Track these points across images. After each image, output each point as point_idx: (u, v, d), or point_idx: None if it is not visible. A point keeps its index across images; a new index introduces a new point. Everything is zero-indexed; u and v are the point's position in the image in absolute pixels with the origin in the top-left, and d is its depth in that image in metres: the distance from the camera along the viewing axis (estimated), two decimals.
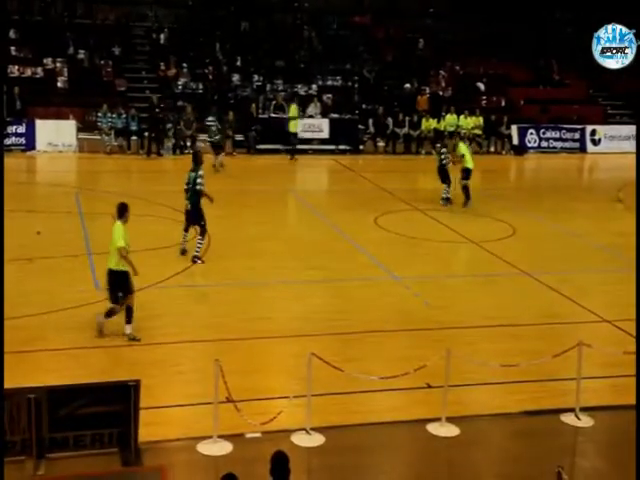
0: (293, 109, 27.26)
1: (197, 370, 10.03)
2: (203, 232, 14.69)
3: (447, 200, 20.04)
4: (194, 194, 14.58)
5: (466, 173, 20.10)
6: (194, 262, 14.51)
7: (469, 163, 20.16)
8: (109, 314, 11.12)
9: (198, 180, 14.54)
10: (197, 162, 14.83)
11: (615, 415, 9.69)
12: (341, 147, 27.96)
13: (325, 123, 28.34)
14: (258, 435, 8.66)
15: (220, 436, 8.55)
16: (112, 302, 11.11)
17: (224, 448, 8.47)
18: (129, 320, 11.06)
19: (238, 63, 30.63)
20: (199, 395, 9.24)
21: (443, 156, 20.00)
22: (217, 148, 24.09)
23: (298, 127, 27.09)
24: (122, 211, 11.21)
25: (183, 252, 14.90)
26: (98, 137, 25.97)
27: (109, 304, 11.15)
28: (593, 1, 31.67)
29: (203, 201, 14.70)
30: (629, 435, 9.20)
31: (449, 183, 20.06)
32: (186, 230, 15.00)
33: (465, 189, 20.15)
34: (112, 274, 11.06)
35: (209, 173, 18.89)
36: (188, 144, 26.11)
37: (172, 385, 9.94)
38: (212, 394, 8.47)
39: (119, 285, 11.00)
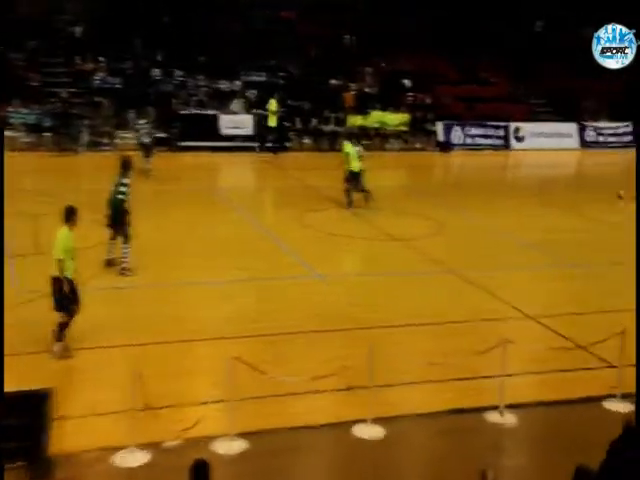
0: (273, 103, 27.02)
1: (114, 376, 9.77)
2: (127, 241, 13.99)
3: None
4: (116, 202, 13.87)
5: (350, 176, 19.34)
6: (123, 274, 14.01)
7: (353, 165, 19.32)
8: (61, 330, 10.58)
9: (121, 189, 13.85)
10: (125, 168, 14.12)
11: (539, 412, 9.82)
12: (266, 144, 27.89)
13: (249, 119, 28.24)
14: (177, 443, 8.49)
15: (137, 446, 8.35)
16: (59, 311, 10.62)
17: (142, 458, 8.26)
18: (60, 336, 10.55)
19: (158, 58, 30.23)
20: (115, 403, 9.02)
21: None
22: (148, 150, 22.84)
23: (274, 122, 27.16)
24: (69, 215, 10.67)
25: (109, 263, 14.28)
26: (10, 133, 25.26)
27: (57, 318, 10.71)
28: (593, 1, 32.02)
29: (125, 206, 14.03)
30: (553, 431, 9.43)
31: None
32: (112, 239, 14.34)
33: (347, 193, 19.41)
34: (57, 281, 10.59)
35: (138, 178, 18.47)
36: (105, 140, 25.68)
37: (87, 393, 9.67)
38: (129, 401, 8.27)
39: (65, 293, 10.52)
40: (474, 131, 30.74)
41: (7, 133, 25.16)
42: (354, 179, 19.33)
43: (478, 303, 13.55)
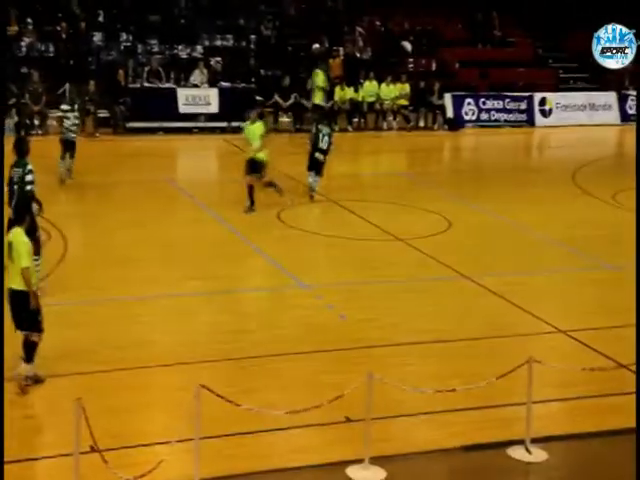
0: (320, 76, 27.08)
1: (52, 413, 9.86)
2: (38, 249, 13.22)
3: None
4: (22, 197, 13.46)
5: (251, 166, 18.67)
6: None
7: (257, 153, 18.69)
8: (29, 353, 10.68)
9: (28, 178, 13.60)
10: (22, 153, 13.91)
11: (574, 446, 9.94)
12: (234, 124, 27.87)
13: (214, 94, 28.31)
14: None
15: None
16: (27, 329, 10.68)
17: None
18: (29, 358, 10.64)
19: (100, 19, 30.19)
20: (55, 445, 9.09)
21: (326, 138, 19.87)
22: (71, 148, 20.84)
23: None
24: (23, 214, 10.92)
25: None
26: None
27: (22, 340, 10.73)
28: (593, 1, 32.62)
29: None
30: (590, 469, 9.54)
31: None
32: None
33: (249, 189, 18.71)
34: (17, 295, 10.62)
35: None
36: (36, 122, 25.68)
37: (19, 434, 9.69)
38: (72, 443, 8.34)
39: (27, 308, 10.58)
40: (490, 104, 30.86)
41: None
42: (255, 171, 18.71)
43: (497, 315, 13.67)
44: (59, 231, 16.79)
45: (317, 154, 19.73)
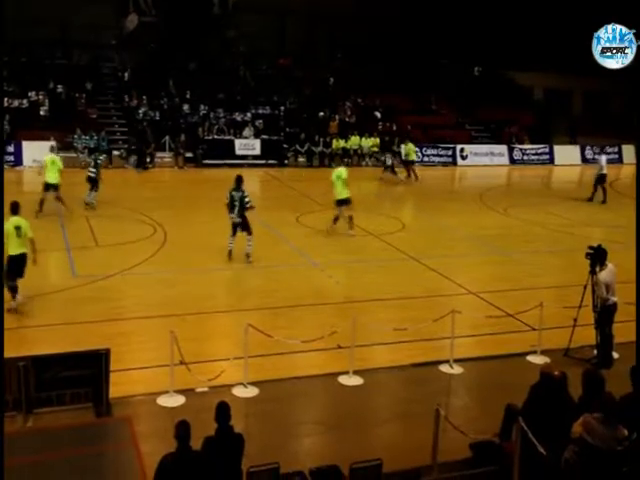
0: (410, 148, 26.20)
1: (156, 339, 9.82)
2: (251, 236, 14.01)
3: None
4: (242, 209, 13.86)
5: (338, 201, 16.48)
6: (249, 260, 14.02)
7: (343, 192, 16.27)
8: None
9: (246, 200, 13.86)
10: (239, 184, 14.16)
11: (479, 364, 9.90)
12: (269, 161, 27.84)
13: (257, 143, 28.16)
14: (205, 389, 8.54)
15: (175, 391, 8.41)
16: (20, 277, 10.69)
17: (178, 400, 8.34)
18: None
19: (187, 95, 30.10)
20: (158, 359, 9.07)
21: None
22: (93, 183, 18.38)
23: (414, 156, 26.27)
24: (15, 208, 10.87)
25: (230, 254, 14.17)
26: (74, 155, 25.16)
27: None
28: (593, 1, 29.79)
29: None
30: (489, 379, 9.52)
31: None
32: (233, 235, 14.18)
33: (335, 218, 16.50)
34: (23, 256, 10.62)
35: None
36: (148, 160, 25.66)
37: (136, 352, 9.70)
38: (168, 358, 8.32)
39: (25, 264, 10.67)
40: (429, 151, 30.67)
41: (72, 154, 25.08)
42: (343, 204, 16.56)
43: (432, 282, 13.62)
44: (162, 227, 16.75)
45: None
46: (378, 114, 32.10)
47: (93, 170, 18.36)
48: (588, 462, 5.86)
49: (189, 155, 26.82)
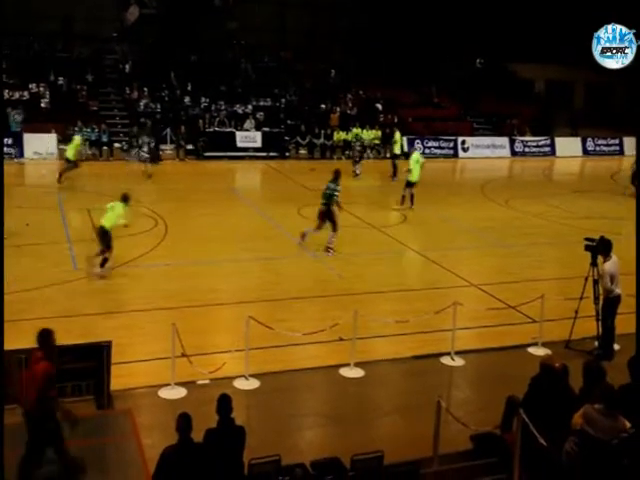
0: (396, 139, 25.42)
1: (158, 332, 9.81)
2: (335, 228, 14.37)
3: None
4: (329, 200, 14.29)
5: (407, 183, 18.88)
6: (328, 253, 14.28)
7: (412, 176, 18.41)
8: (103, 263, 12.34)
9: (336, 193, 14.26)
10: (337, 176, 14.58)
11: (480, 356, 9.89)
12: (271, 154, 27.76)
13: (258, 135, 28.05)
14: (207, 382, 8.55)
15: (177, 383, 8.41)
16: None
17: (180, 393, 8.34)
18: (103, 265, 12.36)
19: (189, 88, 30.00)
20: (159, 351, 9.07)
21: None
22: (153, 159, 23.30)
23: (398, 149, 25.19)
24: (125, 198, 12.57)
25: (303, 236, 14.63)
26: None
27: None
28: (593, 1, 29.52)
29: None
30: (490, 370, 9.52)
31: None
32: (319, 227, 14.52)
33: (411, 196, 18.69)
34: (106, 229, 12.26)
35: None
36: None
37: (137, 344, 9.70)
38: (170, 350, 8.32)
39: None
40: (430, 143, 30.55)
41: None
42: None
43: (433, 274, 13.60)
44: (163, 219, 16.73)
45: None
46: (379, 106, 31.98)
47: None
48: (589, 453, 5.85)
49: (190, 147, 26.74)
